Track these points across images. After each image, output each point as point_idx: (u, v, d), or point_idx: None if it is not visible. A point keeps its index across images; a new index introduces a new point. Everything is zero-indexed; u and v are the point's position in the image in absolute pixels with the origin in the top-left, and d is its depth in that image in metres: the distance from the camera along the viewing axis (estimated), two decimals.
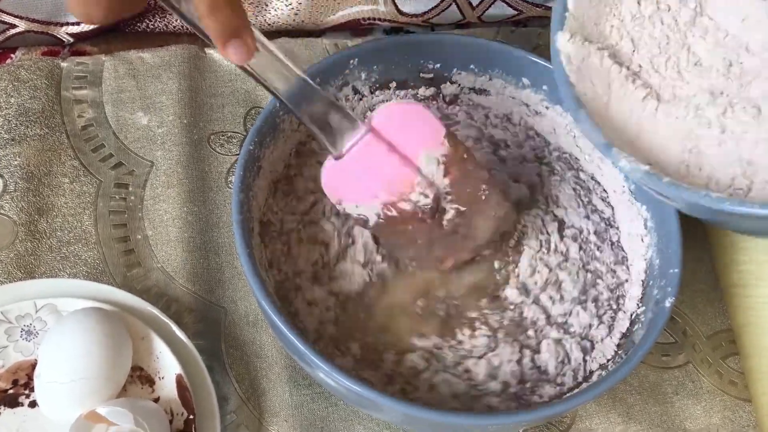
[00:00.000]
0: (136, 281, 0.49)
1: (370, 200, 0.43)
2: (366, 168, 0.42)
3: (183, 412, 0.42)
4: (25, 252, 0.49)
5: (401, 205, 0.43)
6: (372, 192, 0.43)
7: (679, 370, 0.51)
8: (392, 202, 0.43)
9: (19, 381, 0.43)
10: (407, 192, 0.43)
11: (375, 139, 0.42)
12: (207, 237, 0.52)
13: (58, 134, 0.54)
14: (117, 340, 0.42)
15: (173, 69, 0.57)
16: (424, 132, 0.43)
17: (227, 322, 0.49)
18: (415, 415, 0.38)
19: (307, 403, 0.46)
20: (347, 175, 0.42)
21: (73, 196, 0.51)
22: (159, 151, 0.54)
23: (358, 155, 0.42)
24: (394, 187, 0.43)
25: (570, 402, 0.40)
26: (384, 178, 0.42)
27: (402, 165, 0.42)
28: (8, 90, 0.54)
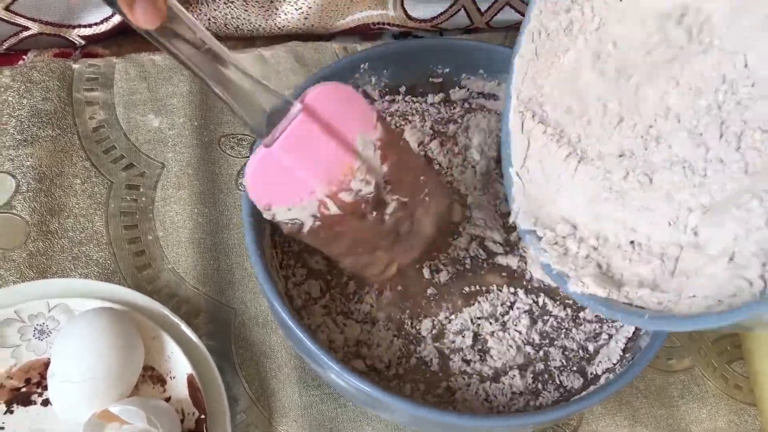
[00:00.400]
0: (147, 282, 0.49)
1: (306, 197, 0.39)
2: (301, 153, 0.38)
3: (194, 411, 0.43)
4: (36, 252, 0.49)
5: (342, 196, 0.39)
6: (308, 184, 0.38)
7: (685, 374, 0.51)
8: (332, 193, 0.39)
9: (32, 380, 0.44)
10: (348, 179, 0.39)
11: (309, 119, 0.37)
12: (217, 238, 0.52)
13: (70, 135, 0.54)
14: (129, 340, 0.42)
15: (184, 71, 0.58)
16: (357, 114, 0.39)
17: (237, 323, 0.49)
18: (424, 416, 0.38)
19: (316, 404, 0.47)
20: (279, 167, 0.38)
21: (85, 196, 0.52)
22: (170, 153, 0.54)
23: (291, 138, 0.37)
24: (332, 173, 0.38)
25: (577, 405, 0.41)
26: (321, 163, 0.38)
27: (340, 148, 0.38)
28: (21, 91, 0.55)
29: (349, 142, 0.38)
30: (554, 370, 0.45)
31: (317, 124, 0.37)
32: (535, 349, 0.45)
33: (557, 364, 0.45)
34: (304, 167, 0.38)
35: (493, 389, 0.43)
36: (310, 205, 0.39)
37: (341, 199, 0.39)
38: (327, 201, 0.39)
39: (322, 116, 0.37)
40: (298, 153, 0.37)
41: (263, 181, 0.38)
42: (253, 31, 0.62)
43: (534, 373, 0.44)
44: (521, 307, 0.46)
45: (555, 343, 0.45)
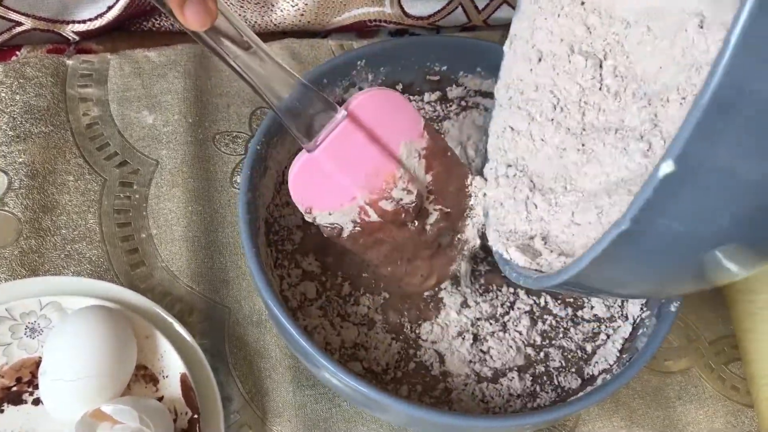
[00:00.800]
0: (140, 280, 0.49)
1: (347, 203, 0.39)
2: (343, 160, 0.38)
3: (187, 411, 0.42)
4: (29, 249, 0.49)
5: (382, 204, 0.39)
6: (349, 191, 0.38)
7: (682, 375, 0.51)
8: (373, 201, 0.39)
9: (23, 378, 0.43)
10: (389, 188, 0.39)
11: (353, 126, 0.37)
12: (211, 237, 0.51)
13: (63, 132, 0.54)
14: (122, 339, 0.41)
15: (179, 68, 0.57)
16: (403, 122, 0.39)
17: (231, 322, 0.49)
18: (420, 416, 0.38)
19: (310, 404, 0.46)
20: (321, 173, 0.38)
21: (78, 194, 0.51)
22: (164, 150, 0.54)
23: (334, 144, 0.37)
24: (374, 181, 0.38)
25: (573, 406, 0.40)
26: (363, 171, 0.38)
27: (382, 156, 0.38)
28: (14, 87, 0.54)
29: (392, 149, 0.38)
30: (553, 371, 0.44)
31: (361, 132, 0.37)
32: (535, 351, 0.45)
33: (556, 365, 0.44)
34: (345, 174, 0.38)
35: (491, 390, 0.43)
36: (350, 211, 0.39)
37: (381, 207, 0.39)
38: (367, 208, 0.39)
39: (367, 123, 0.38)
40: (340, 159, 0.37)
41: (305, 185, 0.38)
42: (249, 28, 0.61)
43: (533, 376, 0.44)
44: (521, 308, 0.46)
45: (554, 344, 0.45)
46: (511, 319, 0.45)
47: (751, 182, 0.25)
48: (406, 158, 0.39)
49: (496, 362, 0.44)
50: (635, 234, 0.27)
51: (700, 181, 0.25)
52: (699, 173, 0.25)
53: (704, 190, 0.25)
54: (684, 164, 0.24)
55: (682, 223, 0.27)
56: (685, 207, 0.26)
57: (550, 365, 0.44)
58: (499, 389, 0.43)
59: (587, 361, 0.45)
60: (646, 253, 0.29)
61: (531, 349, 0.45)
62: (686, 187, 0.25)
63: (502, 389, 0.43)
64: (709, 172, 0.25)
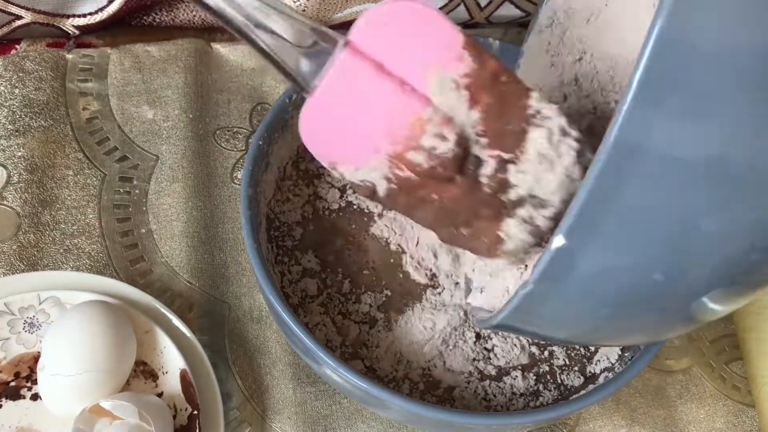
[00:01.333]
0: (140, 275, 0.49)
1: (372, 156, 0.30)
2: (349, 103, 0.29)
3: (187, 407, 0.42)
4: (28, 244, 0.48)
5: (411, 156, 0.30)
6: (370, 141, 0.30)
7: (683, 374, 0.51)
8: (398, 153, 0.30)
9: (21, 373, 0.43)
10: (416, 135, 0.29)
11: (355, 58, 0.29)
12: (212, 232, 0.51)
13: (63, 126, 0.53)
14: (122, 334, 0.41)
15: (179, 63, 0.57)
16: (432, 43, 0.29)
17: (231, 318, 0.48)
18: (421, 413, 0.38)
19: (310, 401, 0.46)
20: (330, 119, 0.30)
21: (77, 188, 0.51)
22: (164, 145, 0.54)
23: (333, 83, 0.29)
24: (395, 128, 0.29)
25: (574, 405, 0.40)
26: (378, 115, 0.29)
27: (401, 93, 0.29)
28: (13, 81, 0.54)
29: (416, 82, 0.29)
30: (556, 369, 0.44)
31: (367, 64, 0.29)
32: (540, 349, 0.44)
33: (560, 363, 0.44)
34: (357, 120, 0.30)
35: (493, 388, 0.43)
36: (379, 166, 0.31)
37: (410, 160, 0.30)
38: (397, 162, 0.30)
39: (375, 51, 0.29)
40: (346, 102, 0.29)
41: (318, 137, 0.31)
42: None
43: (537, 375, 0.43)
44: None
45: None
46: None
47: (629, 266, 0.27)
48: (438, 93, 0.29)
49: (500, 360, 0.44)
50: (541, 295, 0.28)
51: (589, 254, 0.27)
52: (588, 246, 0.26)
53: (595, 260, 0.27)
54: (572, 238, 0.26)
55: (578, 289, 0.28)
56: (577, 276, 0.27)
57: (554, 363, 0.44)
58: (502, 387, 0.43)
59: (590, 359, 0.44)
60: (557, 308, 0.30)
61: (535, 348, 0.44)
62: (576, 258, 0.27)
63: (505, 387, 0.43)
64: (598, 243, 0.26)
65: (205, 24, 0.61)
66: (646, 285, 0.28)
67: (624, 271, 0.28)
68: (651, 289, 0.28)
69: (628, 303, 0.29)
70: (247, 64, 0.59)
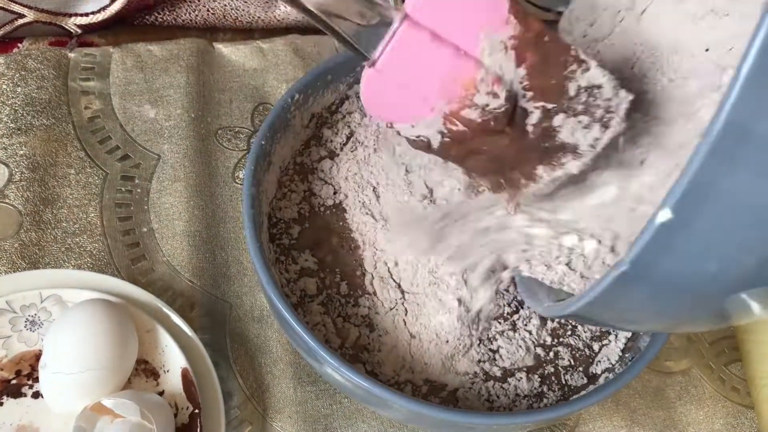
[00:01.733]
0: (141, 274, 0.49)
1: (428, 113, 0.34)
2: (410, 69, 0.33)
3: (188, 406, 0.42)
4: (29, 242, 0.48)
5: (465, 113, 0.33)
6: (426, 103, 0.34)
7: (683, 375, 0.51)
8: (454, 111, 0.33)
9: (23, 371, 0.43)
10: (470, 94, 0.33)
11: (413, 30, 0.32)
12: (213, 232, 0.51)
13: (65, 125, 0.53)
14: (124, 332, 0.41)
15: (181, 62, 0.57)
16: (480, 9, 0.32)
17: (232, 318, 0.48)
18: (422, 412, 0.38)
19: (311, 400, 0.46)
20: (391, 86, 0.33)
21: (79, 187, 0.51)
22: (166, 145, 0.54)
23: (394, 55, 0.32)
24: (451, 89, 0.33)
25: (574, 405, 0.40)
26: (436, 78, 0.33)
27: (455, 57, 0.32)
28: (15, 79, 0.54)
29: (469, 47, 0.32)
30: (561, 370, 0.44)
31: (425, 33, 0.32)
32: (545, 351, 0.44)
33: (565, 364, 0.44)
34: (417, 84, 0.33)
35: (497, 389, 0.43)
36: (434, 122, 0.34)
37: (465, 117, 0.33)
38: (451, 118, 0.34)
39: (431, 21, 0.32)
40: (407, 69, 0.33)
41: (377, 102, 0.34)
42: (252, 23, 0.61)
43: (542, 377, 0.43)
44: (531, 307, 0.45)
45: (563, 341, 0.45)
46: (520, 318, 0.45)
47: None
48: (489, 54, 0.33)
49: (505, 362, 0.43)
50: (635, 276, 0.27)
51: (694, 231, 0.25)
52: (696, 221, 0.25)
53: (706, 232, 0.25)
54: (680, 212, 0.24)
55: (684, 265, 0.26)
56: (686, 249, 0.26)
57: (559, 364, 0.44)
58: (506, 389, 0.43)
59: (593, 360, 0.44)
60: (650, 294, 0.28)
61: (541, 349, 0.44)
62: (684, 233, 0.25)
63: (509, 389, 0.43)
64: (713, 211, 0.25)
65: (207, 24, 0.61)
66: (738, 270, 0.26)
67: (721, 254, 0.26)
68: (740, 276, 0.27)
69: (717, 290, 0.27)
70: (248, 64, 0.59)
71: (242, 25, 0.61)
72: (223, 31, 0.62)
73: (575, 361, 0.44)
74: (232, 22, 0.61)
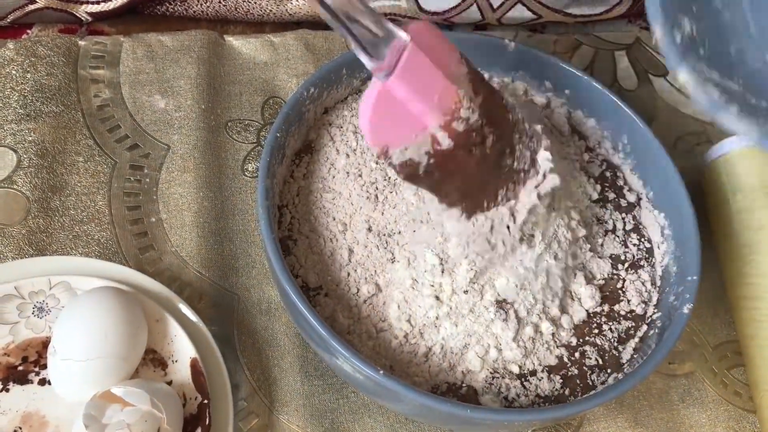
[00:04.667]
0: (149, 264, 0.49)
1: (420, 133, 0.38)
2: (414, 84, 0.37)
3: (196, 396, 0.42)
4: (37, 229, 0.48)
5: (455, 125, 0.39)
6: (421, 119, 0.38)
7: (686, 378, 0.51)
8: (446, 122, 0.38)
9: (30, 358, 0.43)
10: (458, 107, 0.39)
11: (418, 51, 0.37)
12: (222, 223, 0.51)
13: (74, 112, 0.53)
14: (133, 321, 0.41)
15: (192, 54, 0.57)
16: (448, 48, 0.39)
17: (240, 309, 0.48)
18: (432, 406, 0.38)
19: (318, 394, 0.46)
20: (395, 102, 0.37)
21: (87, 175, 0.51)
22: (176, 135, 0.54)
23: (406, 68, 0.37)
24: (444, 102, 0.38)
25: (580, 405, 0.40)
26: (433, 93, 0.38)
27: (446, 78, 0.38)
28: (25, 65, 0.54)
29: (451, 71, 0.38)
30: (587, 370, 0.44)
31: (426, 54, 0.37)
32: (569, 352, 0.44)
33: (592, 363, 0.44)
34: (418, 98, 0.37)
35: (518, 389, 0.42)
36: (424, 142, 0.39)
37: (454, 128, 0.39)
38: (439, 134, 0.39)
39: (426, 47, 0.37)
40: (413, 84, 0.37)
41: (380, 120, 0.38)
42: (263, 16, 0.61)
43: (564, 378, 0.43)
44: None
45: (588, 340, 0.44)
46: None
47: None
48: (459, 81, 0.39)
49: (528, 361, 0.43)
50: None
51: None
52: None
53: None
54: None
55: None
56: None
57: (585, 363, 0.44)
58: (527, 388, 0.42)
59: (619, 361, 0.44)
60: None
61: (564, 350, 0.44)
62: None
63: (530, 388, 0.42)
64: None
65: (219, 16, 0.61)
66: None
67: None
68: None
69: None
70: (259, 58, 0.59)
71: (253, 18, 0.61)
72: (234, 23, 0.62)
73: (604, 363, 0.44)
74: (244, 15, 0.61)
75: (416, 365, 0.42)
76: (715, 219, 0.56)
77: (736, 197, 0.53)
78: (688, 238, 0.45)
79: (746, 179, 0.53)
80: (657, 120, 0.63)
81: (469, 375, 0.42)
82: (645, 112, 0.62)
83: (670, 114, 0.64)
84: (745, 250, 0.52)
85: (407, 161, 0.39)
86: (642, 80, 0.65)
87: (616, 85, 0.64)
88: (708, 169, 0.56)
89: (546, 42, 0.66)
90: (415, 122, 0.38)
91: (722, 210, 0.54)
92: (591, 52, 0.66)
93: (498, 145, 0.41)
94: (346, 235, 0.44)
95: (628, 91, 0.64)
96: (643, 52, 0.67)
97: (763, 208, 0.52)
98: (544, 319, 0.43)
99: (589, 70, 0.65)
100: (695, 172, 0.59)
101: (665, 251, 0.47)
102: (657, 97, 0.64)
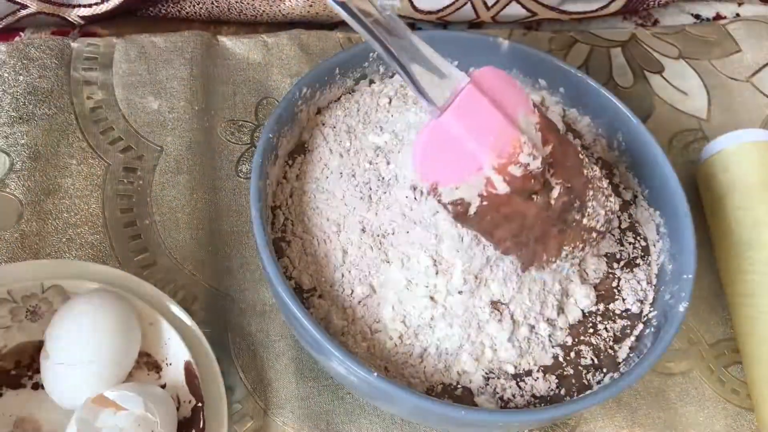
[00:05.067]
0: (143, 267, 0.48)
1: (474, 173, 0.38)
2: (470, 123, 0.37)
3: (190, 399, 0.42)
4: (30, 232, 0.48)
5: (511, 169, 0.38)
6: (476, 159, 0.37)
7: (683, 377, 0.51)
8: (501, 165, 0.37)
9: (23, 362, 0.43)
10: (516, 152, 0.38)
11: (477, 92, 0.38)
12: (215, 225, 0.51)
13: (67, 115, 0.53)
14: (127, 325, 0.41)
15: (185, 55, 0.57)
16: (517, 96, 0.39)
17: (234, 311, 0.48)
18: (427, 407, 0.38)
19: (313, 396, 0.46)
20: (448, 139, 0.38)
21: (81, 177, 0.51)
22: (169, 137, 0.53)
23: (462, 106, 0.37)
24: (501, 145, 0.37)
25: (578, 404, 0.40)
26: (490, 134, 0.37)
27: (507, 120, 0.38)
28: (17, 68, 0.53)
29: (514, 116, 0.38)
30: (582, 369, 0.43)
31: (485, 96, 0.38)
32: (565, 351, 0.44)
33: (587, 363, 0.44)
34: (473, 138, 0.37)
35: (513, 389, 0.42)
36: (477, 183, 0.38)
37: (510, 173, 0.38)
38: (495, 178, 0.38)
39: (488, 90, 0.38)
40: (468, 123, 0.37)
41: (432, 156, 0.38)
42: (257, 17, 0.61)
43: (560, 378, 0.43)
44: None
45: (583, 340, 0.44)
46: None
47: None
48: (525, 128, 0.38)
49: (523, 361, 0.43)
50: None
51: None
52: None
53: None
54: None
55: None
56: None
57: (581, 362, 0.44)
58: (523, 388, 0.42)
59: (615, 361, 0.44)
60: None
61: (560, 349, 0.44)
62: None
63: (526, 388, 0.42)
64: None
65: (212, 16, 0.61)
66: None
67: None
68: None
69: None
70: (252, 58, 0.58)
71: (247, 18, 0.61)
72: (228, 24, 0.62)
73: (599, 362, 0.44)
74: (237, 15, 0.60)
75: (411, 366, 0.42)
76: (711, 216, 0.55)
77: (732, 194, 0.53)
78: (684, 236, 0.45)
79: (742, 176, 0.53)
80: (652, 117, 0.63)
81: (465, 376, 0.42)
82: (640, 109, 0.62)
83: (665, 111, 0.63)
84: (741, 247, 0.52)
85: (457, 200, 0.38)
86: (637, 77, 0.65)
87: (611, 82, 0.64)
88: (704, 166, 0.56)
89: (541, 40, 0.65)
90: (469, 162, 0.38)
91: (718, 207, 0.54)
92: (586, 50, 0.66)
93: (566, 197, 0.40)
94: (340, 236, 0.44)
95: (623, 89, 0.64)
96: (639, 49, 0.67)
97: (759, 205, 0.52)
98: (539, 319, 0.43)
99: (585, 67, 0.64)
100: (691, 170, 0.58)
101: (661, 249, 0.47)
102: (653, 95, 0.64)
